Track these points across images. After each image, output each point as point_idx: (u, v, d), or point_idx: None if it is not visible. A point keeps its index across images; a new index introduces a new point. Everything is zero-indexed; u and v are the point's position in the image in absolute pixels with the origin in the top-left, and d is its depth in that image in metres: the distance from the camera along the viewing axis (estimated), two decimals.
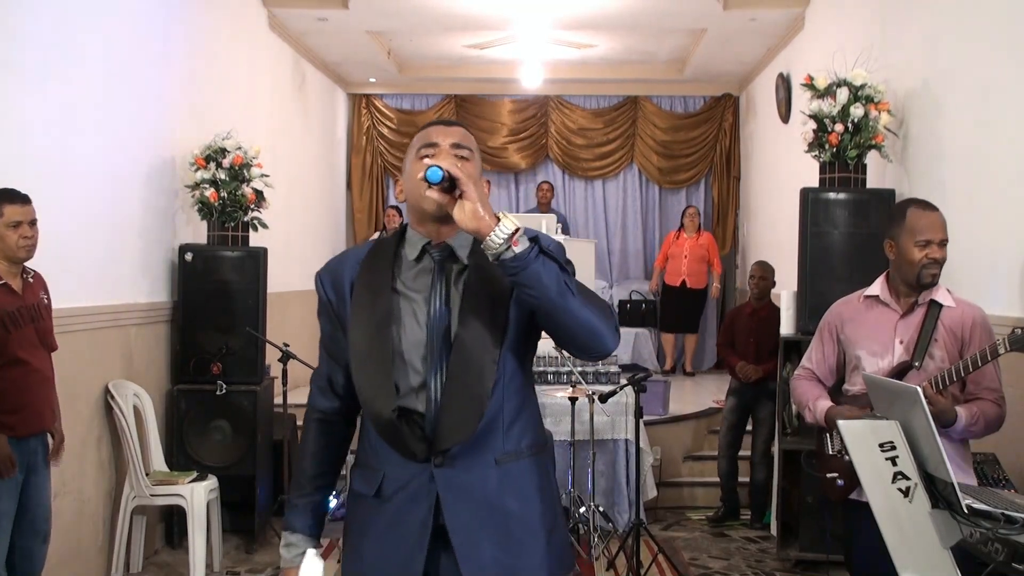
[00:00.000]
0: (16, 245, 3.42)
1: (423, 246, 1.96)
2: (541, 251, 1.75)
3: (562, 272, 1.78)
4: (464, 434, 1.87)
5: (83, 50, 4.38)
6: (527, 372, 2.02)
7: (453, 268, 1.96)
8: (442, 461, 1.90)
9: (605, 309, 1.85)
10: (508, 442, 1.95)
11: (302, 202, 8.11)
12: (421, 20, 7.57)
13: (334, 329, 2.07)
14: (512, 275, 1.75)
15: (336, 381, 2.08)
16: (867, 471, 2.25)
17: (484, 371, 1.88)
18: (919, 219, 2.85)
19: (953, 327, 2.82)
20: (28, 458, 3.50)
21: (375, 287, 1.97)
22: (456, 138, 1.96)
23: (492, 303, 1.91)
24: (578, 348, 1.87)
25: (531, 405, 2.02)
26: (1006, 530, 1.98)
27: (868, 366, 2.89)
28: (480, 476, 1.92)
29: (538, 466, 2.00)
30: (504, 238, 1.72)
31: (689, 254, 8.75)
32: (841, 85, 4.80)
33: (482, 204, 1.74)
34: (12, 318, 3.41)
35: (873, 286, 2.98)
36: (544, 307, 1.79)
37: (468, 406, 1.88)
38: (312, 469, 2.08)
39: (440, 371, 1.90)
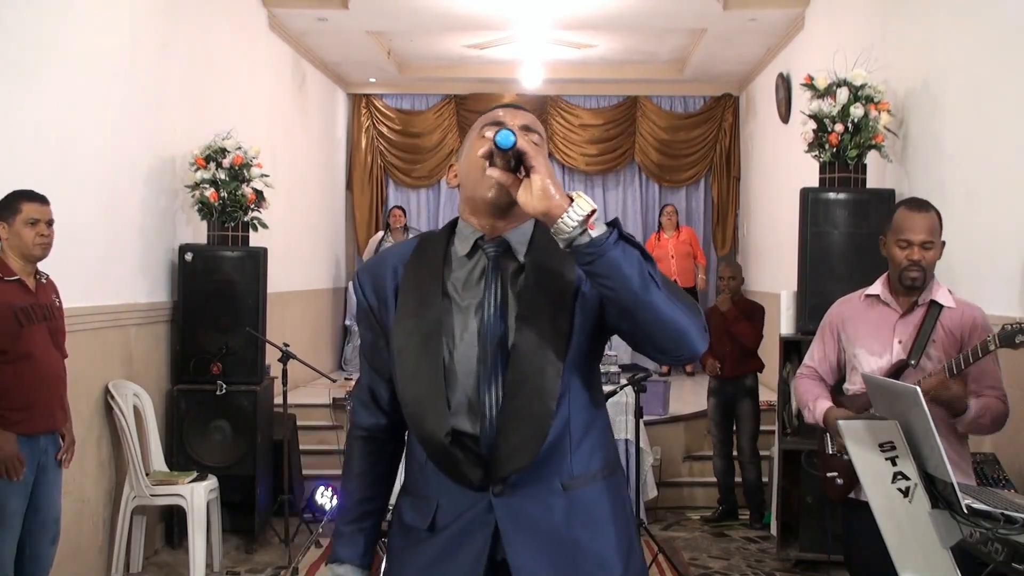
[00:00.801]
0: (32, 243, 3.45)
1: (476, 240, 1.75)
2: (621, 236, 1.52)
3: (645, 261, 1.54)
4: (525, 459, 1.66)
5: (83, 50, 4.38)
6: (595, 384, 1.81)
7: (510, 267, 1.74)
8: (502, 489, 1.68)
9: (693, 306, 1.62)
10: (576, 465, 1.73)
11: (302, 202, 8.11)
12: (421, 20, 7.57)
13: (376, 338, 1.82)
14: (587, 264, 1.52)
15: (380, 396, 1.86)
16: (867, 471, 2.25)
17: (546, 386, 1.66)
18: (903, 219, 2.85)
19: (952, 328, 2.81)
20: (39, 457, 3.50)
21: (423, 290, 1.74)
22: (525, 121, 1.77)
23: (554, 307, 1.69)
24: (661, 350, 1.64)
25: (601, 421, 1.81)
26: (1006, 530, 1.98)
27: (866, 365, 2.89)
28: (545, 505, 1.71)
29: (611, 489, 1.78)
30: (578, 220, 1.49)
31: (675, 253, 8.75)
32: (841, 85, 4.80)
33: (553, 182, 1.52)
34: (26, 313, 3.43)
35: (874, 285, 2.98)
36: (623, 302, 1.55)
37: (529, 427, 1.66)
38: (359, 492, 1.88)
39: (495, 387, 1.68)
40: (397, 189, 10.19)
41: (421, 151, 9.97)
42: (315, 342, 8.41)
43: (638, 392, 4.73)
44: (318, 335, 8.64)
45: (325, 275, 9.03)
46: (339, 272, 9.51)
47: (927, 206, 2.87)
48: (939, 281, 2.90)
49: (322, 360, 8.41)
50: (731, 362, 5.74)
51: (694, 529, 5.85)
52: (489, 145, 1.57)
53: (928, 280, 2.85)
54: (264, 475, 5.33)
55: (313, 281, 8.52)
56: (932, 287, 2.87)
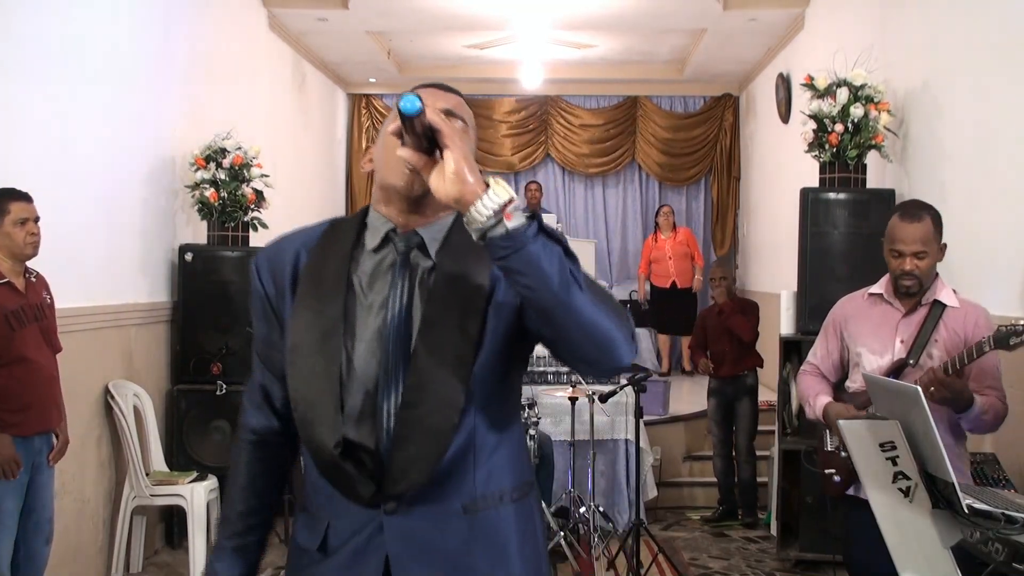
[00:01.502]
0: (23, 242, 3.45)
1: (386, 232, 1.58)
2: (541, 229, 1.35)
3: (567, 259, 1.37)
4: (421, 474, 1.49)
5: (83, 50, 4.38)
6: (510, 397, 1.64)
7: (421, 264, 1.57)
8: (394, 507, 1.51)
9: (619, 311, 1.44)
10: (480, 485, 1.55)
11: (302, 202, 8.10)
12: (421, 20, 7.57)
13: (270, 331, 1.64)
14: (501, 258, 1.34)
15: (273, 395, 1.67)
16: (867, 471, 2.25)
17: (447, 397, 1.49)
18: (895, 229, 2.84)
19: (956, 328, 2.81)
20: (33, 458, 3.50)
21: (326, 281, 1.57)
22: (449, 104, 1.60)
23: (463, 310, 1.51)
24: (583, 360, 1.45)
25: (513, 438, 1.62)
26: (1006, 530, 1.98)
27: (868, 363, 2.90)
28: (441, 527, 1.53)
29: (521, 513, 1.61)
30: (494, 209, 1.32)
31: (673, 254, 8.71)
32: (841, 85, 4.80)
33: (468, 165, 1.34)
34: (16, 316, 3.42)
35: (878, 284, 2.98)
36: (541, 303, 1.38)
37: (427, 440, 1.49)
38: (243, 503, 1.71)
39: (395, 395, 1.51)
40: None
41: None
42: None
43: (638, 392, 4.73)
44: None
45: None
46: None
47: (920, 214, 2.83)
48: (943, 281, 2.90)
49: None
50: (730, 360, 5.74)
51: (694, 529, 5.85)
52: (399, 121, 1.38)
53: (927, 283, 2.84)
54: None
55: None
56: (936, 287, 2.87)
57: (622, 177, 10.13)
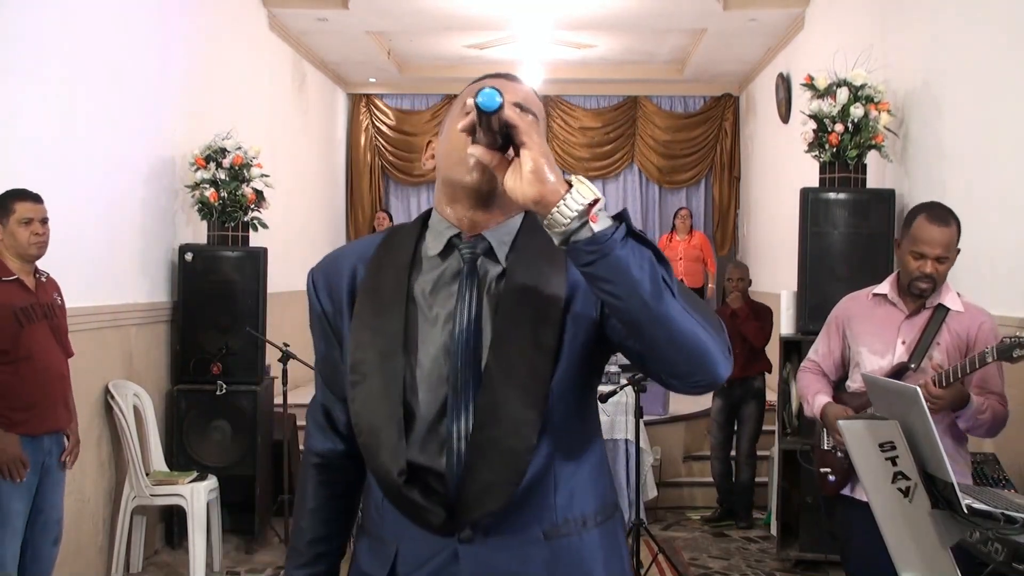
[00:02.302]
0: (28, 242, 3.45)
1: (450, 238, 1.46)
2: (630, 232, 1.23)
3: (658, 264, 1.24)
4: (498, 501, 1.38)
5: (82, 50, 4.38)
6: (589, 413, 1.52)
7: (490, 271, 1.45)
8: (470, 535, 1.41)
9: (716, 320, 1.32)
10: (562, 509, 1.45)
11: (302, 202, 8.11)
12: (421, 20, 7.57)
13: (330, 349, 1.54)
14: (586, 265, 1.22)
15: (337, 417, 1.58)
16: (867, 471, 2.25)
17: (523, 417, 1.37)
18: (922, 230, 2.81)
19: (959, 332, 2.80)
20: (42, 458, 3.49)
21: (384, 295, 1.46)
22: (520, 97, 1.48)
23: (538, 320, 1.39)
24: (675, 374, 1.32)
25: (594, 456, 1.52)
26: (1006, 530, 1.98)
27: (869, 364, 2.89)
28: (522, 556, 1.42)
29: (606, 538, 1.50)
30: (578, 210, 1.20)
31: (684, 256, 8.74)
32: (841, 85, 4.80)
33: (548, 163, 1.23)
34: (25, 313, 3.43)
35: (883, 284, 2.97)
36: (631, 314, 1.25)
37: (502, 464, 1.37)
38: (311, 531, 1.59)
39: (466, 415, 1.40)
40: (397, 189, 10.19)
41: (421, 151, 9.94)
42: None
43: (638, 392, 4.73)
44: None
45: None
46: None
47: (948, 219, 2.81)
48: (949, 284, 2.89)
49: None
50: (740, 363, 5.71)
51: (694, 529, 5.85)
52: (472, 116, 1.27)
53: (939, 287, 2.84)
54: (264, 475, 5.33)
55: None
56: (941, 290, 2.86)
57: (622, 177, 10.14)
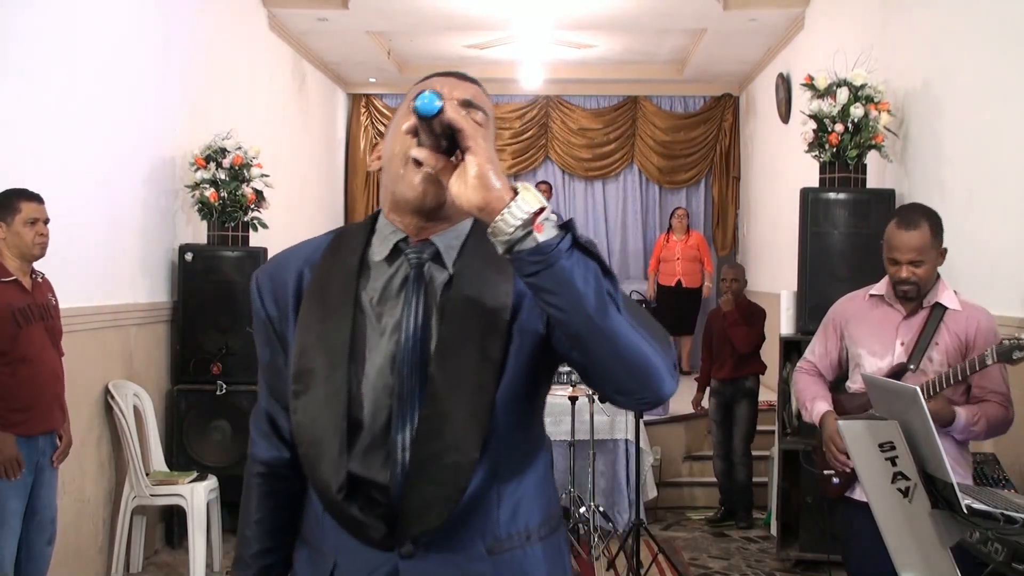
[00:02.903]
0: (32, 242, 3.46)
1: (396, 242, 1.42)
2: (576, 243, 1.19)
3: (604, 277, 1.21)
4: (439, 516, 1.34)
5: (83, 50, 4.38)
6: (534, 423, 1.48)
7: (436, 278, 1.41)
8: (411, 551, 1.37)
9: (662, 336, 1.28)
10: (505, 524, 1.42)
11: (302, 202, 8.11)
12: (421, 20, 7.57)
13: (274, 356, 1.49)
14: (530, 275, 1.19)
15: (281, 425, 1.52)
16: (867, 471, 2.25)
17: (466, 430, 1.33)
18: (892, 236, 2.83)
19: (957, 331, 2.80)
20: (37, 458, 3.50)
21: (331, 302, 1.41)
22: (467, 94, 1.44)
23: (484, 330, 1.36)
24: (619, 391, 1.30)
25: (538, 469, 1.49)
26: (1006, 530, 1.98)
27: (868, 365, 2.89)
28: (464, 572, 1.39)
29: (549, 552, 1.48)
30: (522, 219, 1.16)
31: (681, 256, 8.74)
32: (841, 85, 4.80)
33: (493, 168, 1.19)
34: (23, 314, 3.43)
35: (879, 284, 2.97)
36: (574, 327, 1.22)
37: (444, 478, 1.34)
38: (258, 542, 1.53)
39: (410, 426, 1.36)
40: None
41: None
42: None
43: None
44: None
45: None
46: None
47: (917, 220, 2.80)
48: (946, 282, 2.88)
49: None
50: (731, 364, 5.74)
51: (694, 529, 5.85)
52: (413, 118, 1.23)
53: (927, 287, 2.82)
54: None
55: None
56: (938, 288, 2.85)
57: (622, 177, 10.13)
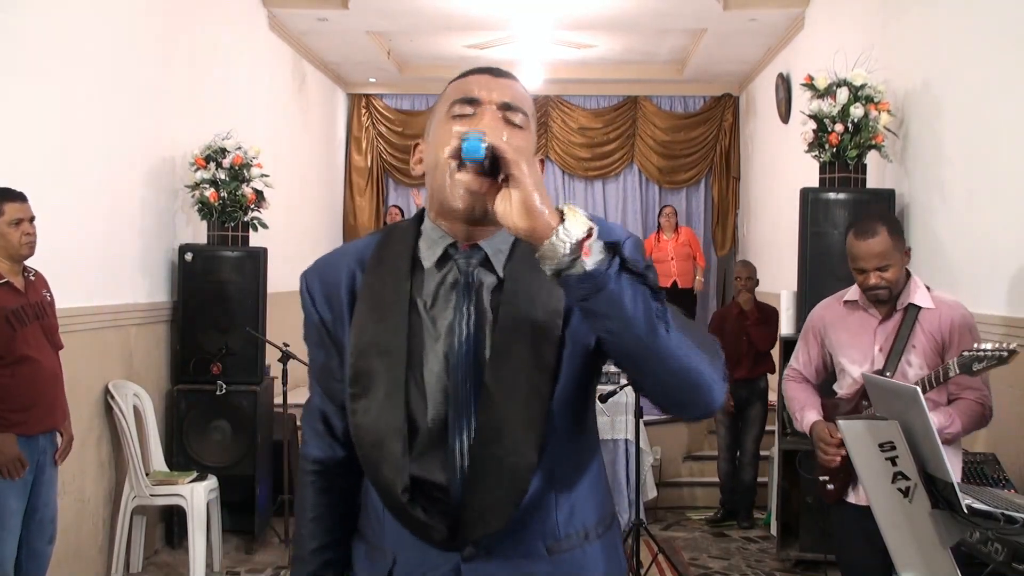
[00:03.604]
0: (19, 242, 3.45)
1: (446, 247, 1.41)
2: (623, 265, 1.19)
3: (652, 297, 1.21)
4: (500, 520, 1.36)
5: (83, 50, 4.38)
6: (588, 425, 1.50)
7: (485, 282, 1.40)
8: (473, 553, 1.39)
9: (712, 349, 1.30)
10: (564, 524, 1.43)
11: (302, 202, 8.11)
12: (421, 20, 7.57)
13: (329, 359, 1.50)
14: (581, 300, 1.19)
15: (335, 424, 1.54)
16: (867, 471, 2.25)
17: (524, 436, 1.34)
18: (851, 247, 2.84)
19: (932, 331, 2.78)
20: (38, 457, 3.50)
21: (385, 304, 1.41)
22: (506, 96, 1.42)
23: (537, 335, 1.36)
24: (672, 403, 1.32)
25: (594, 468, 1.50)
26: (1006, 530, 1.98)
27: (852, 373, 2.89)
28: (526, 572, 1.41)
29: (607, 549, 1.49)
30: (571, 244, 1.15)
31: (675, 255, 8.64)
32: (841, 85, 4.80)
33: (539, 193, 1.17)
34: (17, 315, 3.42)
35: (852, 290, 2.94)
36: (625, 348, 1.23)
37: (504, 482, 1.35)
38: (315, 539, 1.54)
39: (467, 430, 1.37)
40: (397, 189, 10.19)
41: None
42: None
43: (638, 392, 4.73)
44: None
45: None
46: None
47: (875, 228, 2.79)
48: (917, 281, 2.87)
49: None
50: (747, 363, 5.70)
51: (694, 529, 5.85)
52: (456, 143, 1.24)
53: (898, 288, 2.81)
54: (264, 475, 5.33)
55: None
56: (909, 289, 2.84)
57: (622, 177, 10.13)
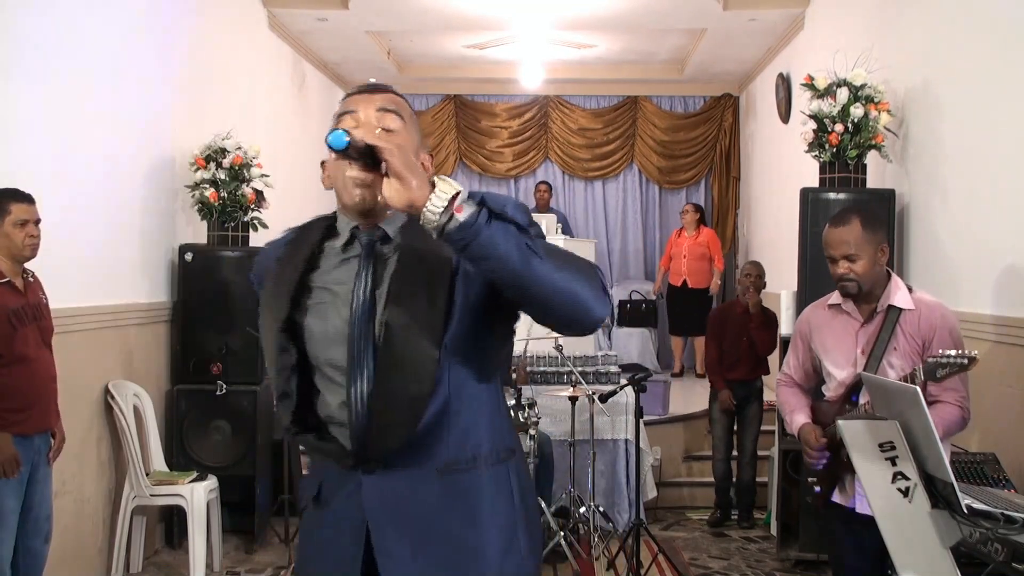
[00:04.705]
0: (22, 244, 3.46)
1: (351, 230, 1.69)
2: (492, 214, 1.42)
3: (522, 233, 1.45)
4: (397, 440, 1.60)
5: (83, 50, 4.38)
6: (485, 366, 1.70)
7: (384, 252, 1.68)
8: (374, 468, 1.64)
9: (586, 269, 1.52)
10: (455, 449, 1.65)
11: (302, 202, 8.09)
12: (421, 20, 7.57)
13: None
14: (462, 249, 1.43)
15: None
16: (867, 471, 2.25)
17: (420, 367, 1.58)
18: (825, 235, 2.85)
19: (912, 333, 2.78)
20: (33, 457, 3.51)
21: (282, 282, 1.70)
22: (383, 101, 1.70)
23: (430, 285, 1.60)
24: (560, 322, 1.54)
25: (492, 406, 1.72)
26: (1005, 530, 1.98)
27: (837, 376, 2.89)
28: (418, 488, 1.64)
29: (497, 478, 1.69)
30: (442, 207, 1.40)
31: (688, 253, 8.60)
32: (841, 85, 4.80)
33: (410, 171, 1.42)
34: (18, 316, 3.43)
35: (835, 293, 2.94)
36: (508, 281, 1.46)
37: (402, 408, 1.59)
38: None
39: (362, 377, 1.62)
40: None
41: None
42: None
43: (638, 392, 4.73)
44: None
45: None
46: None
47: (846, 217, 2.82)
48: (899, 282, 2.86)
49: None
50: (748, 364, 5.67)
51: (694, 529, 5.85)
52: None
53: (868, 285, 2.81)
54: (264, 475, 5.33)
55: None
56: (889, 290, 2.83)
57: (622, 177, 10.13)
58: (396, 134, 1.67)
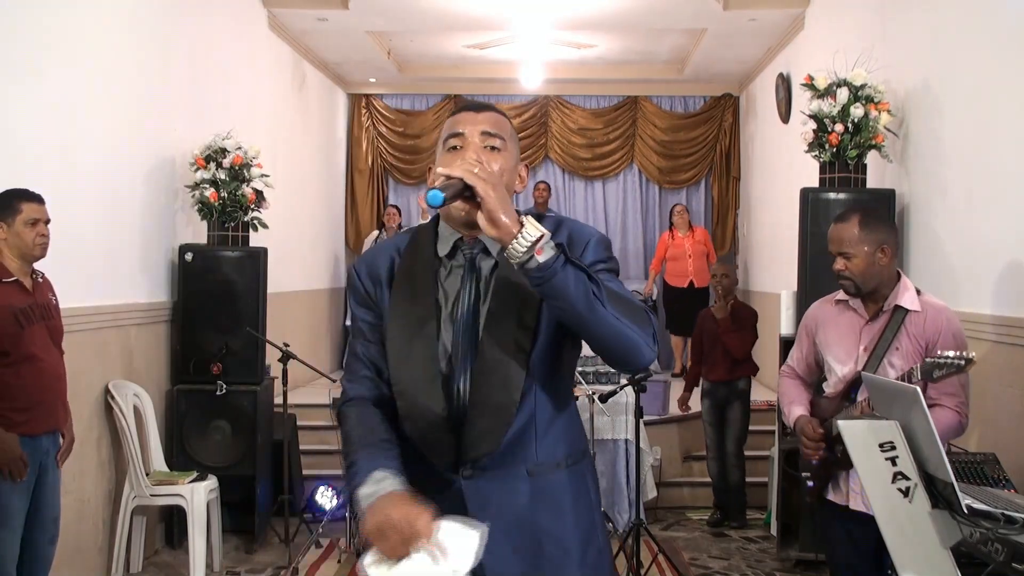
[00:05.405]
0: (33, 243, 3.46)
1: (455, 242, 1.88)
2: (567, 260, 1.63)
3: (591, 282, 1.65)
4: (492, 444, 1.79)
5: (83, 50, 4.38)
6: (563, 379, 1.91)
7: (484, 266, 1.86)
8: (471, 473, 1.81)
9: (640, 318, 1.73)
10: (541, 453, 1.85)
11: (302, 202, 8.11)
12: (421, 20, 7.57)
13: (376, 318, 1.92)
14: (536, 285, 1.64)
15: (382, 369, 1.91)
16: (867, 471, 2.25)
17: (510, 379, 1.78)
18: (829, 232, 2.90)
19: (916, 334, 2.78)
20: (40, 457, 3.50)
21: (418, 278, 1.87)
22: (486, 124, 1.85)
23: (521, 304, 1.80)
24: (612, 361, 1.78)
25: (566, 413, 1.92)
26: (1006, 530, 1.98)
27: (837, 372, 2.90)
28: (511, 489, 1.83)
29: (574, 477, 1.90)
30: (526, 246, 1.60)
31: (693, 252, 8.58)
32: (841, 85, 4.80)
33: (502, 210, 1.61)
34: (25, 314, 3.43)
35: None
36: (572, 319, 1.69)
37: (494, 416, 1.79)
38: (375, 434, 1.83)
39: (465, 376, 1.81)
40: (397, 189, 10.20)
41: (421, 151, 9.97)
42: (315, 342, 8.41)
43: (638, 392, 4.73)
44: (318, 335, 8.64)
45: (325, 275, 9.04)
46: (339, 272, 9.51)
47: (848, 215, 2.87)
48: (908, 283, 2.86)
49: (322, 360, 8.41)
50: (724, 367, 5.70)
51: (694, 529, 5.85)
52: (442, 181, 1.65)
53: (867, 284, 2.81)
54: (264, 475, 5.33)
55: (313, 281, 8.52)
56: (898, 290, 2.83)
57: (622, 176, 10.13)
58: (499, 153, 1.83)
